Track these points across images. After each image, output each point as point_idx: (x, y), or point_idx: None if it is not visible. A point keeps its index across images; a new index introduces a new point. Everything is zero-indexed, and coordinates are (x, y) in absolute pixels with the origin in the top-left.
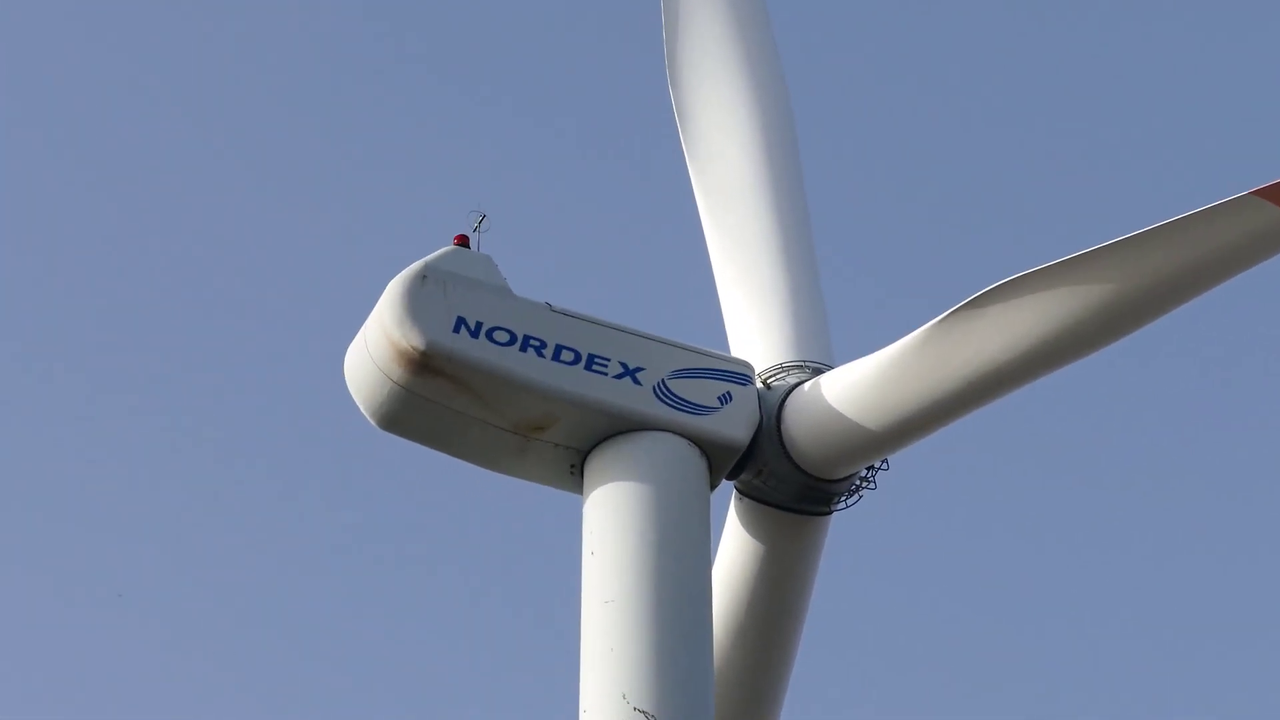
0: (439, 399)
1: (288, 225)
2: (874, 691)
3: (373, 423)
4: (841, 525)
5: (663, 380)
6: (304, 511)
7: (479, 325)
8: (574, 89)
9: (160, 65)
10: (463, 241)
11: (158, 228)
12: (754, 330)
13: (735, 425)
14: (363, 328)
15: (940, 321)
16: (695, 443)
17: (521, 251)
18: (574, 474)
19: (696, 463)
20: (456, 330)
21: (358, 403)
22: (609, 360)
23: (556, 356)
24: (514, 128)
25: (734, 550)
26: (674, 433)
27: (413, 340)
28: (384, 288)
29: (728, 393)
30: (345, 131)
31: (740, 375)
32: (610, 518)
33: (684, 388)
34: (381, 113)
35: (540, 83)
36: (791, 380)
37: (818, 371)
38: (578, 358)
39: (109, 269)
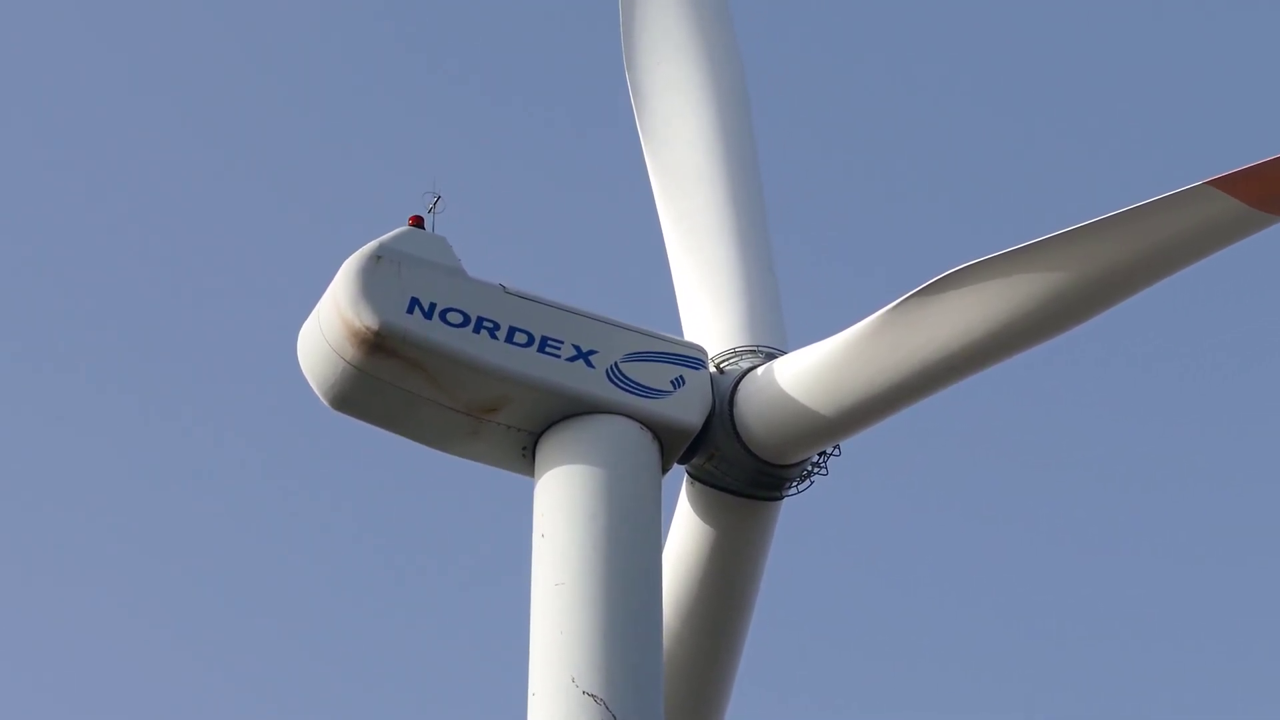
0: (391, 379)
1: (241, 205)
2: (823, 678)
3: (325, 403)
4: (793, 511)
5: (616, 363)
6: (250, 491)
7: (433, 306)
8: (530, 69)
9: (108, 42)
10: (417, 222)
11: (107, 209)
12: (707, 314)
13: (687, 409)
14: (316, 307)
15: (894, 308)
16: (647, 426)
17: (476, 233)
18: (525, 456)
19: (648, 446)
20: (410, 311)
21: (310, 382)
22: (562, 343)
23: (510, 338)
24: (469, 108)
25: (685, 534)
26: (626, 416)
27: (366, 320)
28: (338, 268)
29: (680, 376)
30: (299, 111)
31: (693, 359)
32: (561, 500)
33: (637, 371)
34: (336, 92)
35: (496, 63)
36: (744, 365)
37: (771, 356)
38: (531, 340)
39: (58, 253)
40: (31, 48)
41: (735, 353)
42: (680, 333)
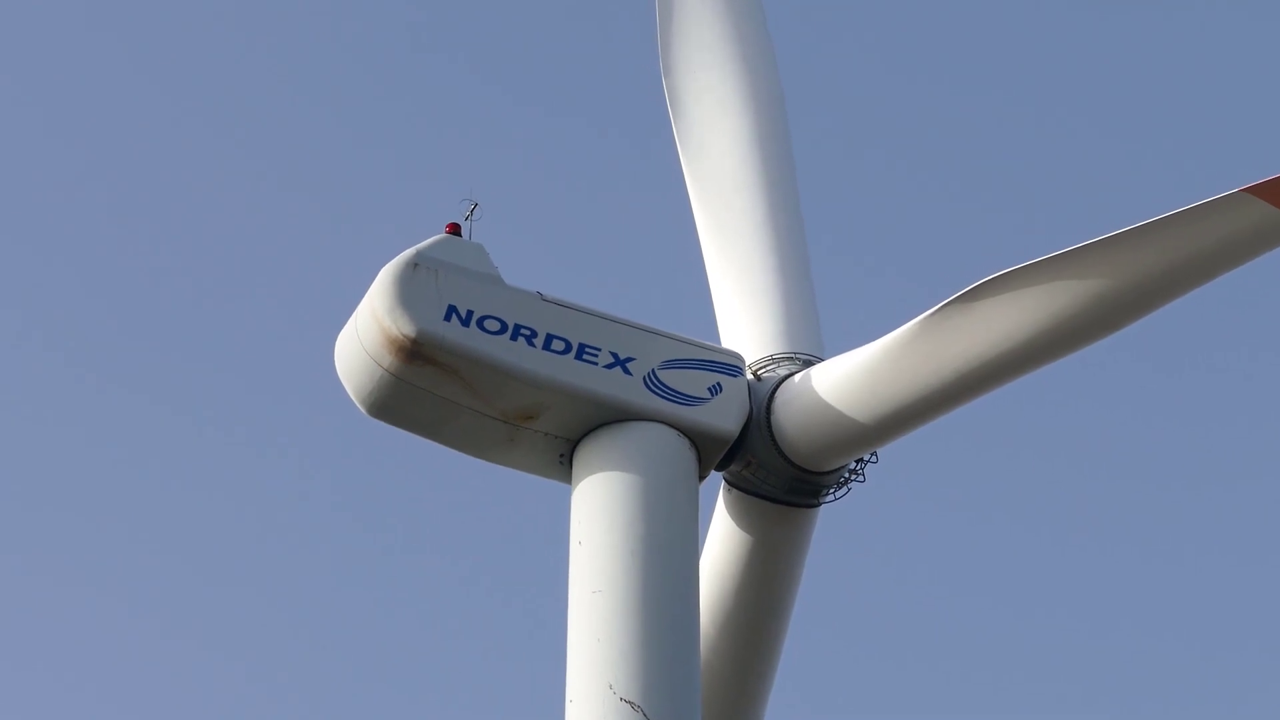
0: (429, 387)
1: (278, 212)
2: (860, 685)
3: (362, 410)
4: (830, 518)
5: (653, 370)
6: (290, 498)
7: (470, 313)
8: (567, 77)
9: (146, 50)
10: (454, 230)
11: (146, 216)
12: (744, 321)
13: (725, 416)
14: (354, 315)
15: (931, 315)
16: (685, 433)
17: (513, 240)
18: (563, 463)
19: (685, 453)
20: (447, 318)
21: (348, 390)
22: (599, 350)
23: (547, 346)
24: (507, 116)
25: (722, 541)
26: (663, 423)
27: (404, 327)
28: (375, 275)
29: (718, 384)
30: (336, 119)
31: (730, 366)
32: (599, 507)
33: (674, 378)
34: (373, 100)
35: (533, 70)
36: (782, 372)
37: (808, 363)
38: (568, 347)
39: (95, 258)
40: (77, 57)
41: (772, 359)
42: (717, 340)
